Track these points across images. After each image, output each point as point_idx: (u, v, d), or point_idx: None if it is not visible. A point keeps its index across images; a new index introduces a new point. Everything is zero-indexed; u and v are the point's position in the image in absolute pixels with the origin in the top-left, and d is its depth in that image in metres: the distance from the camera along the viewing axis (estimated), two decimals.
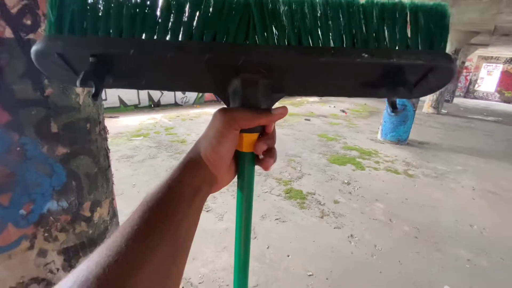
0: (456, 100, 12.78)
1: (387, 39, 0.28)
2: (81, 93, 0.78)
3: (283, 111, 0.33)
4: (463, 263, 1.99)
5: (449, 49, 8.32)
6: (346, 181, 3.33)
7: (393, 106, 0.30)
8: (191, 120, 6.19)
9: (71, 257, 0.83)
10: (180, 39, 0.28)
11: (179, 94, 7.89)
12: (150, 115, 6.41)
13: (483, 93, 15.94)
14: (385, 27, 0.28)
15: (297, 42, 0.28)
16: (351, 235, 2.26)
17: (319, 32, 0.28)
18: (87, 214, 0.85)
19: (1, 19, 0.61)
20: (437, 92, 8.78)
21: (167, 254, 0.25)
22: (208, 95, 8.61)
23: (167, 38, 0.28)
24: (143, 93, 7.15)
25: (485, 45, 9.41)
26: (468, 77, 15.87)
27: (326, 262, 1.92)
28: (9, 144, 0.65)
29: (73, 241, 0.82)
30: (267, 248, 2.03)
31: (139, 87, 0.36)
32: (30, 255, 0.76)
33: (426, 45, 0.28)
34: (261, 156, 0.35)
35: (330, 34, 0.28)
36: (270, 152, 0.35)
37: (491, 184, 3.48)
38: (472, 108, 10.92)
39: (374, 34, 0.28)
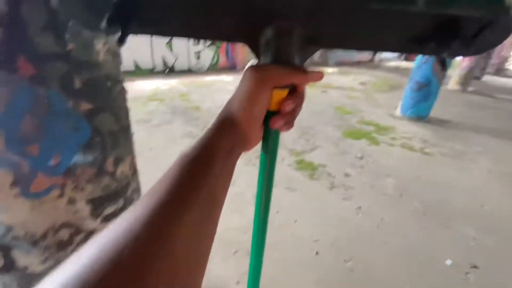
0: (485, 78, 11.89)
1: None
2: (101, 49, 0.78)
3: (320, 74, 0.32)
4: (469, 240, 2.01)
5: None
6: (359, 155, 3.31)
7: (443, 63, 0.28)
8: (207, 87, 6.14)
9: (97, 207, 0.90)
10: None
11: (193, 59, 7.73)
12: (165, 81, 6.39)
13: None
14: None
15: None
16: (359, 207, 2.30)
17: None
18: (111, 169, 0.90)
19: None
20: (466, 68, 8.17)
21: (202, 214, 0.25)
22: (223, 62, 8.40)
23: None
24: (158, 57, 7.06)
25: None
26: (502, 54, 14.53)
27: (332, 230, 2.00)
28: (36, 96, 0.68)
29: (99, 192, 0.88)
30: (276, 212, 2.11)
31: (165, 33, 0.35)
32: (60, 203, 0.83)
33: None
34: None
35: None
36: (295, 112, 0.34)
37: (509, 167, 3.36)
38: (502, 87, 10.16)
39: None
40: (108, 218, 0.97)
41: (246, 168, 2.73)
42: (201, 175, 0.26)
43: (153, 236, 0.19)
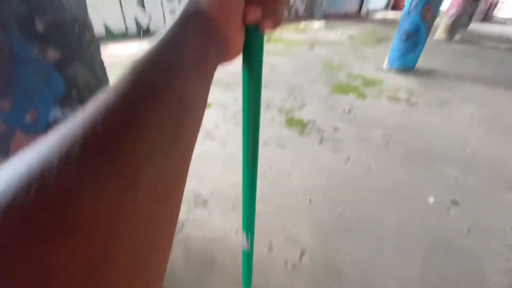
0: (472, 26, 11.71)
1: None
2: None
3: None
4: (450, 180, 2.16)
5: None
6: (347, 109, 3.32)
7: None
8: None
9: None
10: None
11: (169, 18, 7.14)
12: (140, 45, 5.95)
13: (501, 19, 14.51)
14: None
15: None
16: (348, 158, 2.37)
17: None
18: None
19: None
20: (454, 15, 7.97)
21: (167, 123, 0.17)
22: None
23: None
24: (130, 18, 6.47)
25: None
26: (489, 0, 14.16)
27: (323, 180, 2.08)
28: None
29: None
30: (270, 168, 2.16)
31: None
32: None
33: None
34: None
35: None
36: (278, 2, 0.26)
37: (491, 112, 3.49)
38: (487, 35, 10.09)
39: None
40: None
41: (237, 129, 2.72)
42: (162, 78, 0.18)
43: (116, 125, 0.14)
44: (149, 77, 0.18)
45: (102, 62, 0.91)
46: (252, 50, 0.29)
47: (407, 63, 4.80)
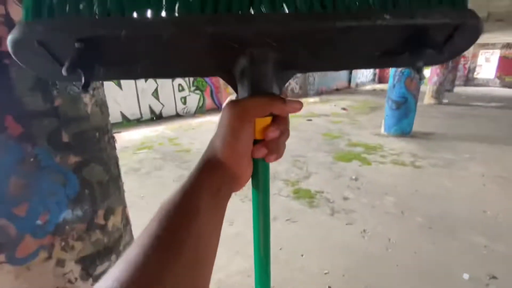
0: (456, 89, 12.71)
1: None
2: (89, 102, 0.80)
3: (299, 105, 0.31)
4: (480, 249, 1.96)
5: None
6: (353, 177, 3.31)
7: (419, 72, 0.29)
8: (193, 129, 6.23)
9: (88, 266, 0.83)
10: (176, 14, 0.25)
11: (180, 105, 7.96)
12: (152, 128, 6.47)
13: (483, 80, 15.86)
14: None
15: (308, 8, 0.25)
16: (364, 230, 2.23)
17: None
18: (102, 222, 0.86)
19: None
20: (437, 82, 8.76)
21: (189, 264, 0.23)
22: (209, 104, 8.67)
23: (163, 14, 0.25)
24: (145, 107, 7.23)
25: None
26: (467, 66, 15.82)
27: (341, 259, 1.90)
28: (23, 155, 0.67)
29: (90, 249, 0.83)
30: (280, 249, 2.01)
31: (134, 76, 0.33)
32: (48, 266, 0.76)
33: (449, 2, 0.26)
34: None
35: None
36: (281, 139, 0.32)
37: (500, 169, 3.43)
38: (473, 95, 10.84)
39: None
40: (100, 278, 0.89)
41: (243, 206, 2.66)
42: (184, 222, 0.24)
43: None
44: (174, 222, 0.24)
45: (116, 159, 0.97)
46: (259, 176, 0.34)
47: (403, 128, 5.02)
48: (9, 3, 0.62)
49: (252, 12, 0.25)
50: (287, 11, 0.25)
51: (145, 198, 2.89)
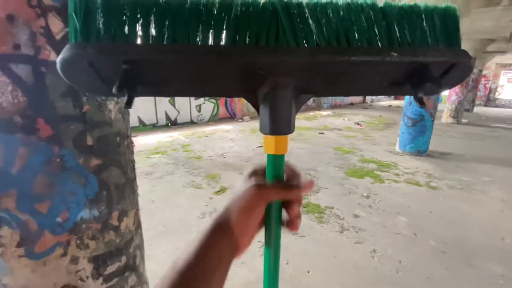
0: (476, 109, 12.32)
1: (409, 39, 0.31)
2: (113, 109, 0.85)
3: (311, 185, 0.36)
4: (497, 279, 1.85)
5: None
6: (365, 194, 3.24)
7: (420, 102, 0.32)
8: (207, 137, 6.33)
9: (99, 265, 0.86)
10: (211, 43, 0.29)
11: (194, 112, 8.13)
12: (167, 134, 6.62)
13: (504, 101, 15.31)
14: (406, 26, 0.30)
15: (326, 43, 0.30)
16: (374, 250, 2.16)
17: (345, 33, 0.30)
18: (115, 223, 0.89)
19: (48, 44, 0.69)
20: (456, 102, 8.53)
21: None
22: (223, 113, 8.81)
23: (201, 42, 0.29)
24: (161, 112, 7.44)
25: (502, 52, 9.17)
26: (488, 85, 15.37)
27: (348, 278, 1.85)
28: (50, 156, 0.72)
29: (102, 249, 0.86)
30: (286, 263, 1.98)
31: (168, 94, 0.37)
32: (63, 262, 0.80)
33: (446, 43, 0.31)
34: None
35: (357, 34, 0.30)
36: (299, 208, 0.37)
37: None
38: (494, 116, 10.46)
39: (398, 34, 0.30)
40: (110, 278, 0.92)
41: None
42: (194, 276, 0.29)
43: None
44: (187, 278, 0.29)
45: (133, 163, 1.02)
46: (272, 223, 0.37)
47: (419, 147, 4.89)
48: (49, 16, 0.68)
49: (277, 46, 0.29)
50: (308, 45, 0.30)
51: (155, 202, 2.94)
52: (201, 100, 8.21)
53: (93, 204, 0.82)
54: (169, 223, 2.50)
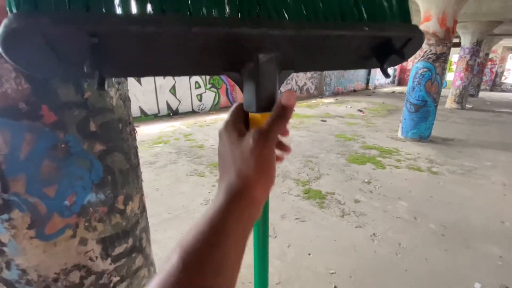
0: (481, 94, 12.14)
1: (375, 16, 0.35)
2: (114, 95, 0.86)
3: (290, 94, 0.31)
4: (495, 260, 1.89)
5: (470, 40, 7.96)
6: (366, 180, 3.27)
7: (386, 73, 0.38)
8: (208, 126, 6.34)
9: (107, 246, 0.90)
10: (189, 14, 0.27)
11: (196, 101, 8.11)
12: (169, 123, 6.64)
13: (511, 86, 15.02)
14: (370, 5, 0.34)
15: (306, 19, 0.31)
16: (374, 234, 2.21)
17: (323, 10, 0.33)
18: (121, 207, 0.93)
19: None
20: (460, 87, 8.40)
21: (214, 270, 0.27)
22: (224, 102, 8.78)
23: (180, 13, 0.26)
24: (162, 102, 7.43)
25: (509, 34, 8.93)
26: (494, 70, 15.05)
27: (348, 261, 1.90)
28: (55, 141, 0.74)
29: (110, 231, 0.90)
30: (288, 247, 2.03)
31: (144, 74, 0.34)
32: (72, 243, 0.84)
33: (402, 19, 0.36)
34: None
35: (332, 10, 0.33)
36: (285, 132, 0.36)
37: None
38: (499, 101, 10.31)
39: (365, 12, 0.34)
40: (118, 259, 0.96)
41: None
42: (214, 241, 0.27)
43: None
44: (199, 248, 0.26)
45: (136, 149, 1.04)
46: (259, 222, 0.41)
47: (421, 132, 4.87)
48: None
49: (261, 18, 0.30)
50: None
51: (160, 190, 3.00)
52: (202, 89, 8.17)
53: (99, 188, 0.85)
54: (173, 210, 2.56)
